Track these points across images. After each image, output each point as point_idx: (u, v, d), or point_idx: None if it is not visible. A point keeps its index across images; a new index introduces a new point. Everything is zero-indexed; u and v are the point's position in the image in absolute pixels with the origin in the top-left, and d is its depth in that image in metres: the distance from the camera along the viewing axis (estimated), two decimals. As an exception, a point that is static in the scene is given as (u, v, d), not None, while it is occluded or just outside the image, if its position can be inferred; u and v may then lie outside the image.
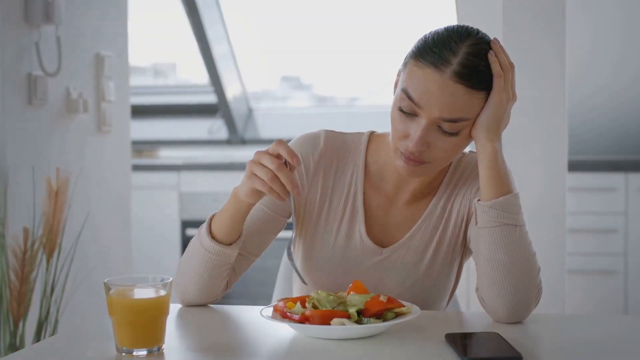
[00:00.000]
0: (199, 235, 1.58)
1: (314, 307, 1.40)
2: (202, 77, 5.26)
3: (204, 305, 1.63)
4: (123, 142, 3.40)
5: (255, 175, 1.44)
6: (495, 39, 1.52)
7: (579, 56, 4.44)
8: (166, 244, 4.65)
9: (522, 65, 3.02)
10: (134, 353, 1.28)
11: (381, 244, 1.66)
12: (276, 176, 1.42)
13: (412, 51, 1.52)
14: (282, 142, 1.44)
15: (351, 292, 1.44)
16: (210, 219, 1.58)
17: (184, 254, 1.63)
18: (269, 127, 5.34)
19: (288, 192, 1.43)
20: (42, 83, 2.85)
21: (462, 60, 1.46)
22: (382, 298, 1.39)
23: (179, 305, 1.63)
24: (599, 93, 4.50)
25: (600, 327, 1.50)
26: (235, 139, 5.27)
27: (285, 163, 1.44)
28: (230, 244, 1.56)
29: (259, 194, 1.48)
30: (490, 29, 1.64)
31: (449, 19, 4.31)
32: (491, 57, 1.49)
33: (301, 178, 1.66)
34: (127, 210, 3.44)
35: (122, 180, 3.41)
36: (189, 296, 1.61)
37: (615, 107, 4.50)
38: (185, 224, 4.66)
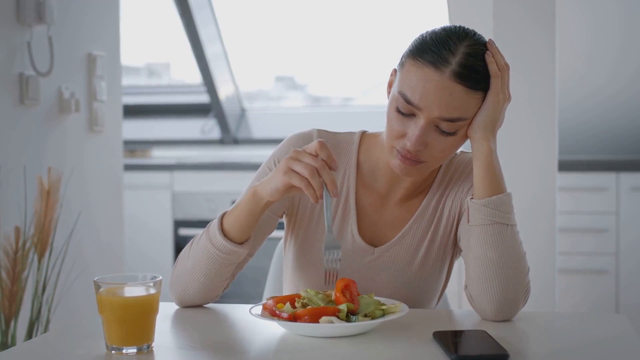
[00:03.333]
0: (207, 233, 1.56)
1: (304, 307, 1.40)
2: (195, 77, 5.26)
3: (201, 305, 1.62)
4: (115, 141, 3.40)
5: (293, 171, 1.43)
6: (490, 39, 1.53)
7: (575, 57, 4.45)
8: (159, 244, 4.65)
9: (513, 64, 3.01)
10: (124, 351, 1.29)
11: (373, 243, 1.66)
12: (317, 173, 1.41)
13: (410, 50, 1.52)
14: (325, 145, 1.43)
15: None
16: (221, 217, 1.56)
17: (184, 254, 1.61)
18: (262, 127, 5.34)
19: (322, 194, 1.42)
20: (34, 83, 2.85)
21: (461, 60, 1.46)
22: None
23: (169, 304, 1.63)
24: (594, 94, 4.51)
25: (588, 326, 1.50)
26: (228, 138, 5.27)
27: None
28: (241, 243, 1.55)
29: (286, 192, 1.46)
30: (481, 29, 1.65)
31: (441, 19, 4.32)
32: (488, 57, 1.50)
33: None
34: (119, 210, 3.44)
35: (114, 179, 3.41)
36: (188, 296, 1.59)
37: (607, 108, 4.51)
38: (178, 224, 4.66)
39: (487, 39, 1.53)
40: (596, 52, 4.50)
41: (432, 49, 1.47)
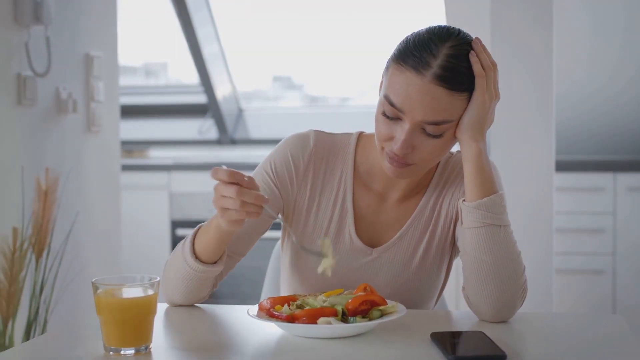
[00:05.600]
0: (182, 251, 1.56)
1: (300, 308, 1.40)
2: (193, 77, 5.26)
3: (192, 305, 1.63)
4: (112, 142, 3.40)
5: (227, 208, 1.39)
6: (476, 38, 1.52)
7: (574, 59, 4.45)
8: (156, 244, 4.65)
9: (510, 64, 3.04)
10: (122, 352, 1.29)
11: (371, 244, 1.66)
12: (244, 201, 1.37)
13: (394, 54, 1.52)
14: (218, 169, 1.37)
15: (339, 294, 1.46)
16: (194, 235, 1.56)
17: (169, 261, 1.62)
18: (259, 127, 5.34)
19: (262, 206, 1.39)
20: (31, 83, 2.85)
21: (442, 62, 1.45)
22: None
23: (167, 305, 1.63)
24: (593, 96, 4.51)
25: (585, 326, 1.51)
26: (225, 139, 5.27)
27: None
28: (214, 263, 1.56)
29: (240, 223, 1.43)
30: (478, 29, 1.65)
31: (438, 20, 4.31)
32: (472, 57, 1.48)
33: (291, 179, 1.66)
34: (116, 210, 3.44)
35: (112, 180, 3.41)
36: (176, 299, 1.62)
37: (605, 109, 4.51)
38: (176, 224, 4.66)
39: (473, 38, 1.52)
40: (595, 54, 4.50)
41: (414, 53, 1.47)
